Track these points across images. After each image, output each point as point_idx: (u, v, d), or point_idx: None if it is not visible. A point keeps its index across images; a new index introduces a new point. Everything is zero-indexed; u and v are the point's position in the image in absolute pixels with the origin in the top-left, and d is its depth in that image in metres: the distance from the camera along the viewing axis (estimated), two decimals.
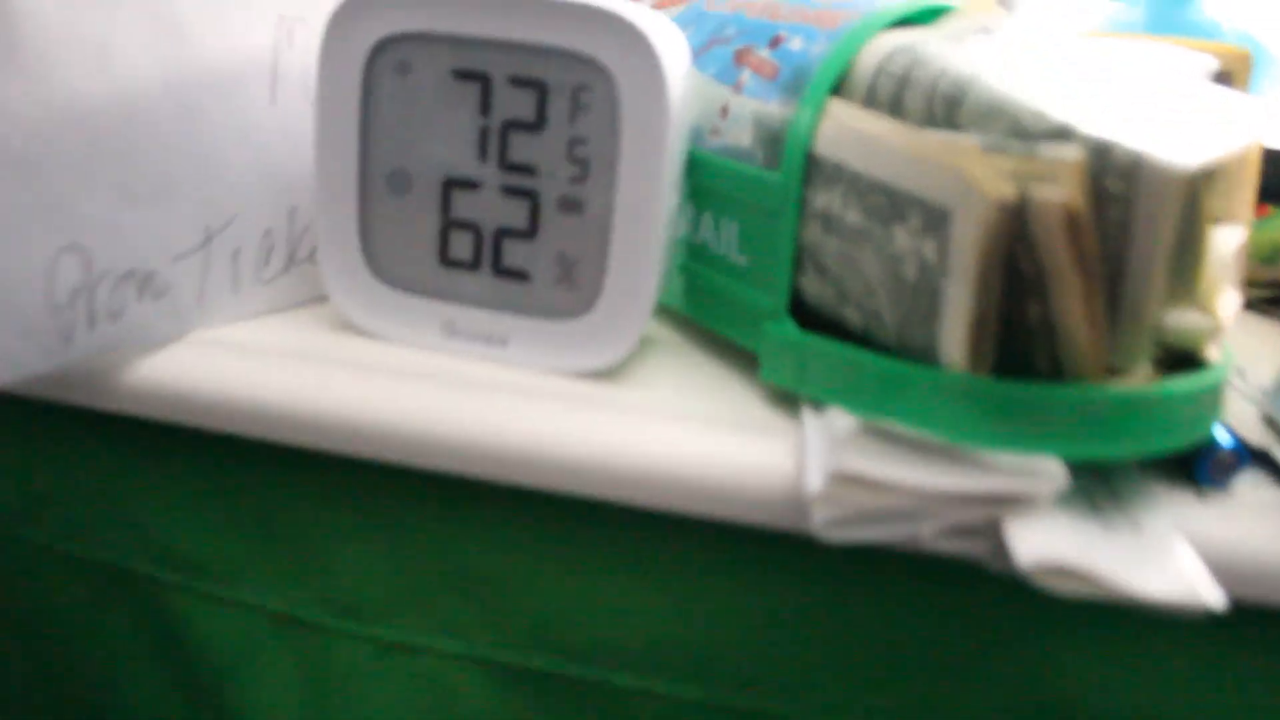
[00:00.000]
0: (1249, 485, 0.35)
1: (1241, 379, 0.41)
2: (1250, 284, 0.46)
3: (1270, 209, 0.45)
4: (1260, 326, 0.45)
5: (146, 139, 0.38)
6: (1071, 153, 0.30)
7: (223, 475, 0.43)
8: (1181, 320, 0.34)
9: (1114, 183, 0.30)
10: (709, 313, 0.41)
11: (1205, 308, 0.35)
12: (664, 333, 0.44)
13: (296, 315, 0.44)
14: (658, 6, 0.45)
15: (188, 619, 0.45)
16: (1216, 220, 0.34)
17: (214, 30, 0.39)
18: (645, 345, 0.42)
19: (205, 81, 0.39)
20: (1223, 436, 0.35)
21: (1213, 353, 0.35)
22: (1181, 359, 0.34)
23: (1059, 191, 0.30)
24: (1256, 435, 0.37)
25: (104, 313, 0.38)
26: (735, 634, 0.39)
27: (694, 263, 0.41)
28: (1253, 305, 0.46)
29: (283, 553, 0.43)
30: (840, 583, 0.37)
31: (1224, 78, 0.37)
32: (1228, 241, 0.35)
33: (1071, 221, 0.30)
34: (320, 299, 0.44)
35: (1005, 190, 0.30)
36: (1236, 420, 0.38)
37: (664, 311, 0.44)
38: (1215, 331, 0.35)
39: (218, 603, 0.44)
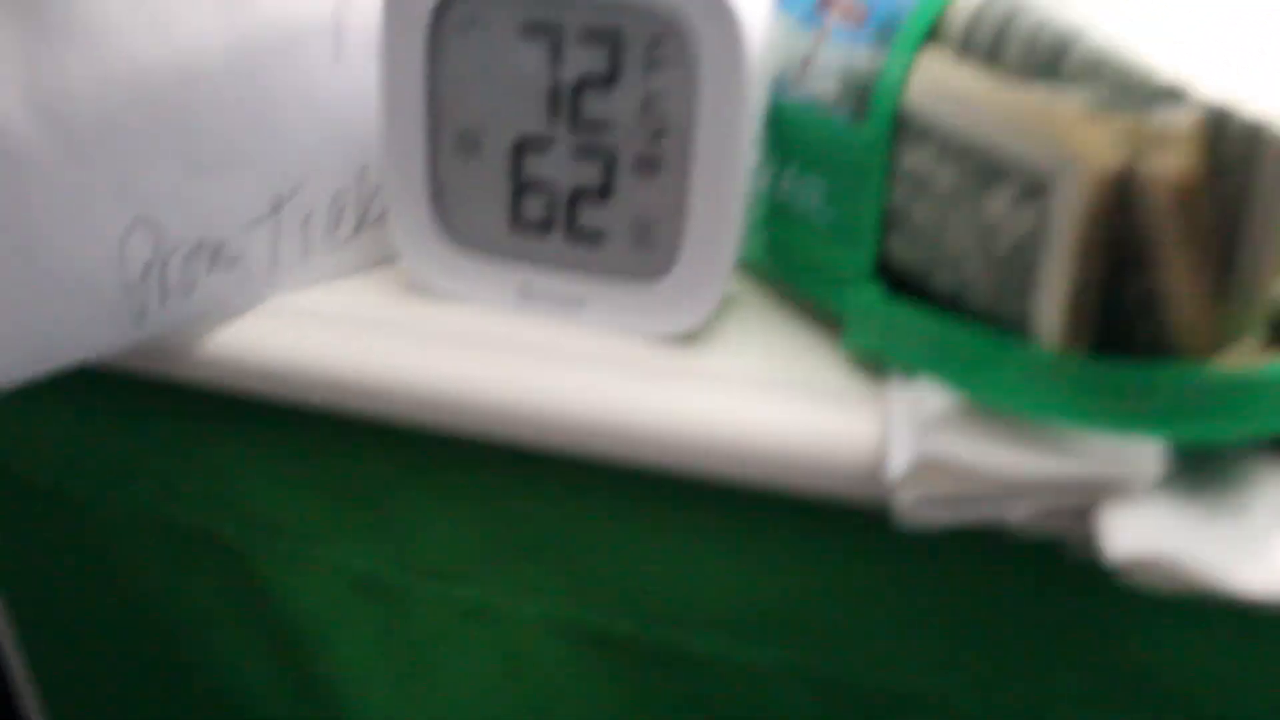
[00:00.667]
0: None
1: None
2: None
3: None
4: None
5: (210, 107, 0.37)
6: (1186, 118, 0.28)
7: (301, 440, 0.42)
8: None
9: (1231, 150, 0.28)
10: (791, 271, 0.39)
11: None
12: (744, 289, 0.42)
13: (370, 277, 0.43)
14: None
15: (272, 579, 0.46)
16: None
17: None
18: (724, 303, 0.41)
19: (267, 44, 0.37)
20: None
21: None
22: None
23: (1171, 162, 0.27)
24: None
25: (176, 287, 0.38)
26: (813, 602, 0.38)
27: (775, 219, 0.39)
28: None
29: (362, 516, 0.43)
30: (919, 554, 0.36)
31: None
32: None
33: (1184, 195, 0.27)
34: (393, 258, 0.44)
35: (1112, 158, 0.27)
36: None
37: (744, 266, 0.43)
38: None
39: (300, 563, 0.45)
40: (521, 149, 0.38)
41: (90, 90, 0.34)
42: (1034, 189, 0.29)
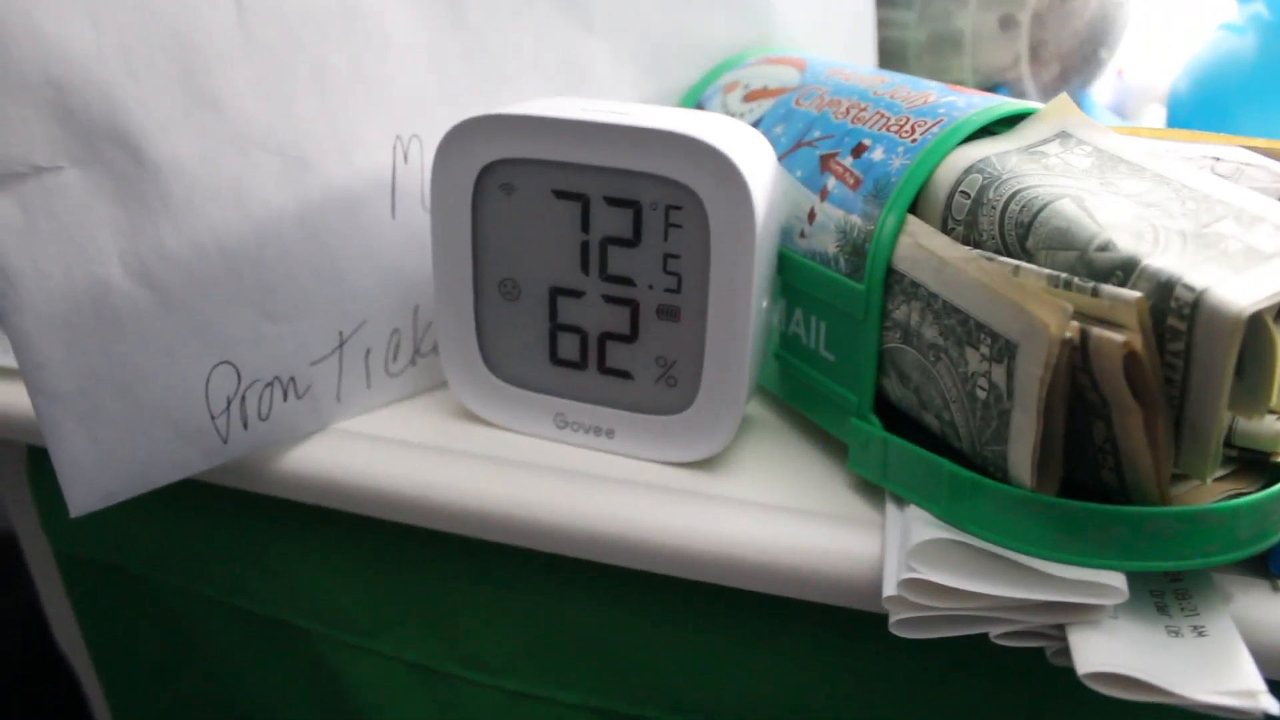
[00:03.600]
0: None
1: None
2: None
3: None
4: None
5: (282, 263, 0.42)
6: (1131, 294, 0.32)
7: (363, 545, 0.47)
8: (1255, 427, 0.36)
9: (1175, 320, 0.32)
10: (801, 400, 0.44)
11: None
12: (762, 413, 0.47)
13: (424, 402, 0.48)
14: (750, 98, 0.47)
15: (337, 664, 0.50)
16: None
17: (337, 158, 0.42)
18: (744, 426, 0.45)
19: (331, 205, 0.43)
20: None
21: None
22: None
23: (1118, 333, 0.31)
24: None
25: (255, 415, 0.43)
26: (823, 697, 0.43)
27: (788, 353, 0.44)
28: None
29: (419, 612, 0.48)
30: (915, 655, 0.39)
31: None
32: None
33: (1130, 360, 0.31)
34: (444, 385, 0.48)
35: (1068, 329, 0.32)
36: None
37: (762, 392, 0.47)
38: None
39: (363, 652, 0.49)
40: (556, 296, 0.43)
41: (180, 256, 0.39)
42: (1004, 352, 0.33)
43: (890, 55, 0.60)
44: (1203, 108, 0.61)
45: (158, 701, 0.59)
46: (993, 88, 0.60)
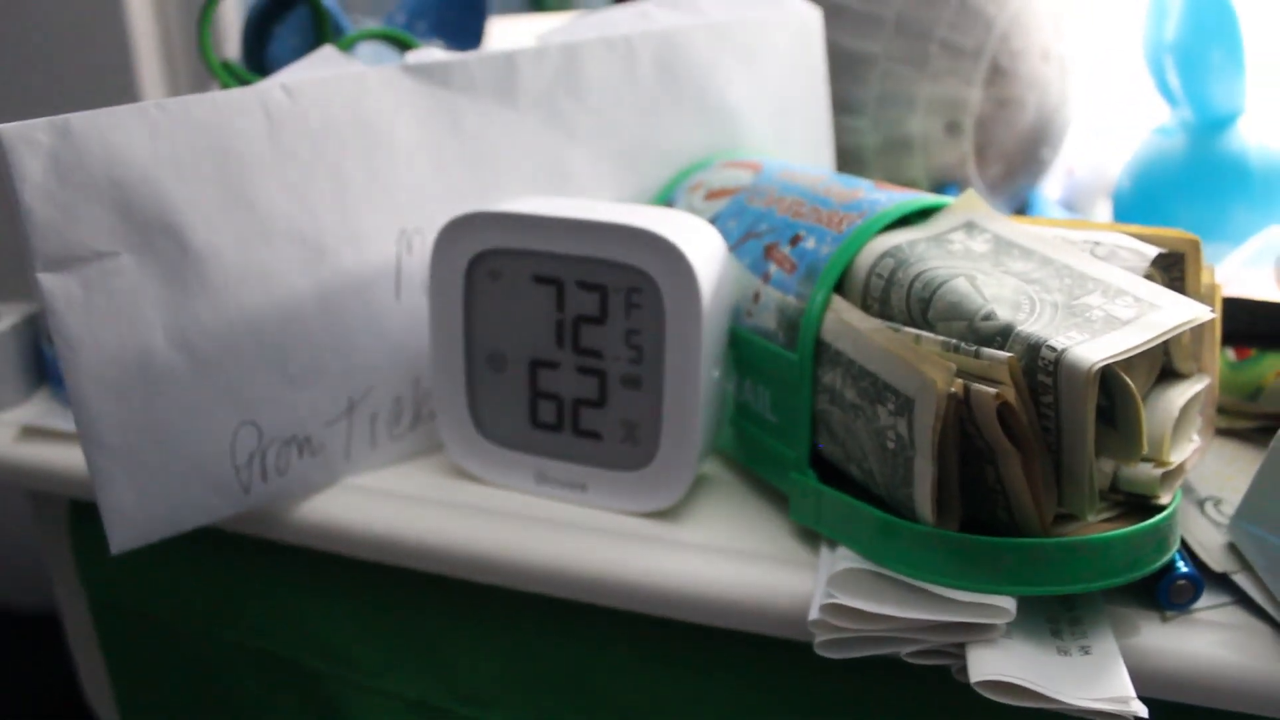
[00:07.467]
0: (1214, 606, 0.42)
1: (1216, 508, 0.46)
2: (1237, 417, 0.52)
3: (1251, 351, 0.51)
4: (1246, 455, 0.50)
5: (301, 336, 0.49)
6: (1003, 355, 0.37)
7: (368, 589, 0.53)
8: (1135, 474, 0.41)
9: (1043, 376, 0.38)
10: (752, 459, 0.50)
11: (1156, 458, 0.41)
12: (720, 471, 0.52)
13: (422, 462, 0.54)
14: (710, 197, 0.54)
15: (344, 703, 0.55)
16: (1176, 377, 0.42)
17: (349, 247, 0.49)
18: (704, 484, 0.51)
19: (344, 287, 0.49)
20: (1182, 565, 0.41)
21: (1165, 496, 0.41)
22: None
23: (992, 388, 0.37)
24: (1221, 561, 0.43)
25: (273, 469, 0.49)
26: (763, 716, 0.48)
27: (740, 417, 0.50)
28: (1242, 436, 0.52)
29: (417, 652, 0.53)
30: (842, 676, 0.45)
31: (1175, 259, 0.43)
32: (1181, 396, 0.42)
33: (1003, 410, 0.37)
34: (439, 449, 0.55)
35: (952, 385, 0.37)
36: (1207, 547, 0.44)
37: (721, 454, 0.53)
38: (1167, 478, 0.41)
39: (366, 691, 0.55)
40: (536, 367, 0.49)
41: (214, 328, 0.46)
42: (904, 407, 0.39)
43: (849, 158, 0.67)
44: (1142, 203, 0.67)
45: None
46: (943, 186, 0.66)
